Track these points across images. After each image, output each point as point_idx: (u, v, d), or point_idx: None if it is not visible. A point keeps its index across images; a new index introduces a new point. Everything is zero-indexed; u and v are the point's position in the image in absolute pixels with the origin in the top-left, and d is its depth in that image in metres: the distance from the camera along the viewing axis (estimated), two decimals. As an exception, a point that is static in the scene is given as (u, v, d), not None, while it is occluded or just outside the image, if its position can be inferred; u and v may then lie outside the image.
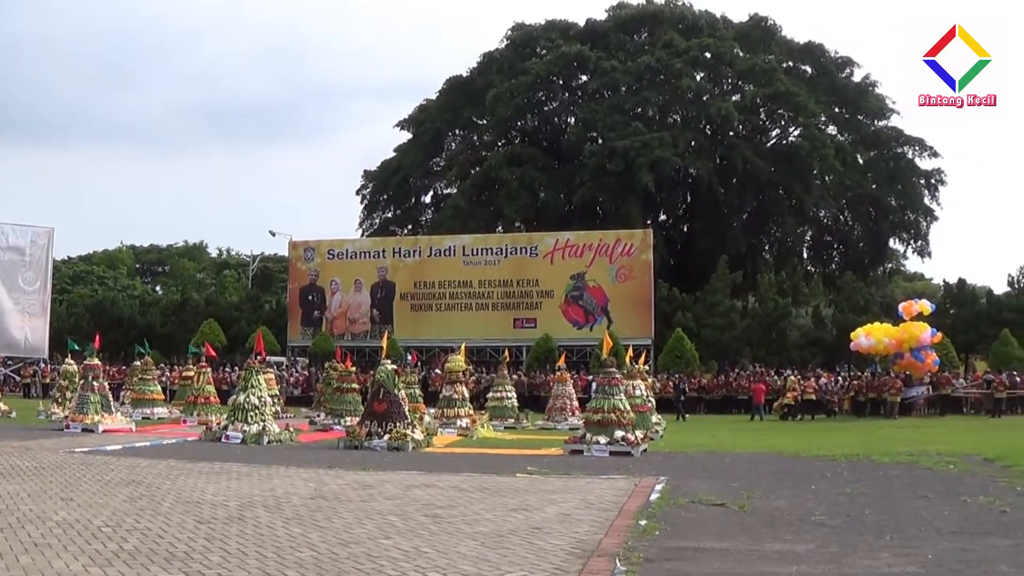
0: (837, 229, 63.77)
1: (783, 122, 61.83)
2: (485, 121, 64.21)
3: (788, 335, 44.73)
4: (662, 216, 62.62)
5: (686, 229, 63.26)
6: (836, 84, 61.01)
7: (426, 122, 65.02)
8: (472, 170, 62.41)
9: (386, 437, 18.88)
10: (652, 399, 28.36)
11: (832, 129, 61.25)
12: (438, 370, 37.68)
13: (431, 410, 27.09)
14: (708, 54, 60.12)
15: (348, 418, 24.73)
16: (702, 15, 63.99)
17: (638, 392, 24.65)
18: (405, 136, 67.07)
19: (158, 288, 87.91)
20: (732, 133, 59.40)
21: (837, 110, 61.54)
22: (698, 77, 60.28)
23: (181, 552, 7.64)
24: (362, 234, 63.94)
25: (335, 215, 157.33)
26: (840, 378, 38.26)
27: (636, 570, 7.23)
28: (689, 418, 33.67)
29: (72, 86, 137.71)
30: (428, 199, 68.78)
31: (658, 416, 27.44)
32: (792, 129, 60.90)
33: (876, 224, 61.33)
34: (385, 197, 67.06)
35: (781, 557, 7.83)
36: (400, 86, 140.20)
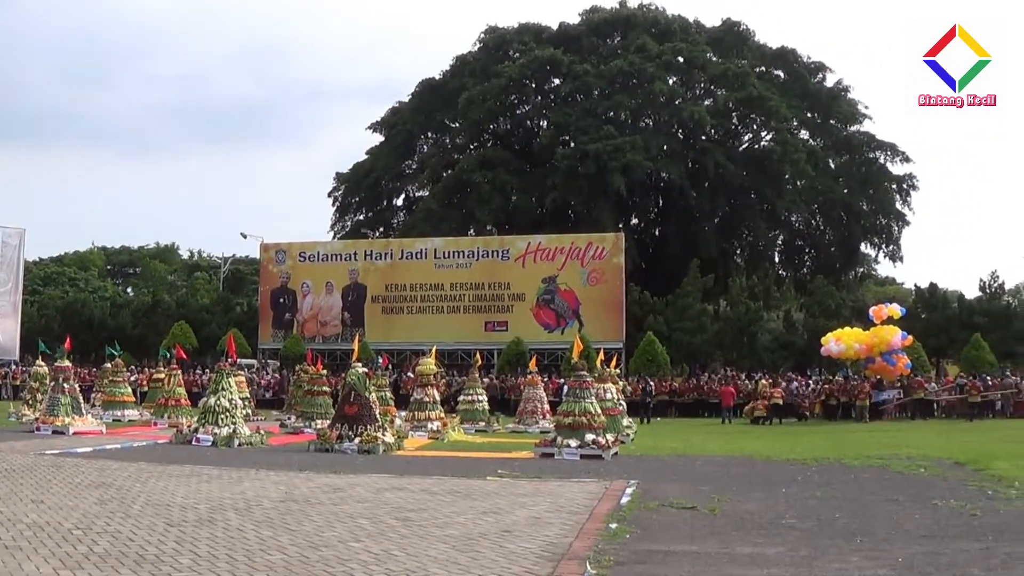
0: (809, 233, 64.15)
1: (755, 126, 62.12)
2: (457, 124, 64.24)
3: (759, 339, 44.86)
4: (634, 220, 62.74)
5: (658, 233, 63.42)
6: (808, 89, 61.45)
7: (398, 125, 64.91)
8: (444, 173, 62.34)
9: (357, 440, 18.85)
10: (623, 402, 28.38)
11: (804, 134, 61.69)
12: (409, 373, 37.60)
13: (402, 413, 26.99)
14: (681, 58, 60.44)
15: (319, 421, 24.65)
16: (675, 19, 64.29)
17: (609, 395, 24.61)
18: (378, 139, 67.17)
19: (129, 290, 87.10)
20: (704, 137, 59.60)
21: (809, 115, 61.96)
22: (671, 81, 60.56)
23: (151, 555, 7.60)
24: (334, 237, 63.88)
25: (307, 218, 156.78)
26: (811, 382, 38.36)
27: (606, 573, 7.24)
28: (658, 421, 33.80)
29: (46, 87, 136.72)
30: (400, 202, 68.92)
31: (629, 419, 27.46)
32: (764, 133, 61.26)
33: (848, 228, 61.73)
34: (357, 200, 66.98)
35: (751, 560, 7.86)
36: (374, 89, 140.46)
